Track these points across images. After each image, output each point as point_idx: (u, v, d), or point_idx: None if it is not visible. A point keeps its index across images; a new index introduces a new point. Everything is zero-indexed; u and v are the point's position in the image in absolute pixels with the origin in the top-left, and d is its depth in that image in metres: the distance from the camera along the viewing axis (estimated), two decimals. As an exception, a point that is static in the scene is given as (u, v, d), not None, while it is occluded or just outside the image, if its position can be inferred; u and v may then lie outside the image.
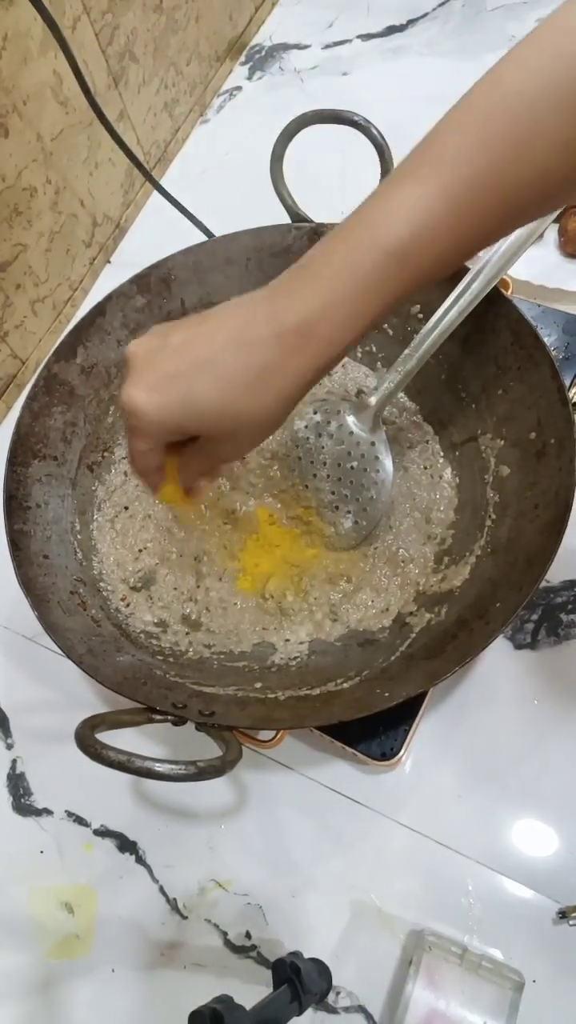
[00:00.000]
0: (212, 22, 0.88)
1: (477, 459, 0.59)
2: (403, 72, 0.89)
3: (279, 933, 0.53)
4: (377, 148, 0.59)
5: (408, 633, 0.54)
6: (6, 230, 0.68)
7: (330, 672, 0.53)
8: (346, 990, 0.51)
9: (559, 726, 0.56)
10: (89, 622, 0.54)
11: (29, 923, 0.55)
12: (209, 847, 0.56)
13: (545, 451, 0.53)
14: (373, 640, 0.55)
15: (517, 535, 0.52)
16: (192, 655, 0.56)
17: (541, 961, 0.49)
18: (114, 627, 0.56)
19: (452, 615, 0.52)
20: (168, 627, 0.58)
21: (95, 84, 0.72)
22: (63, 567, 0.56)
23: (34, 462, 0.58)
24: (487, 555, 0.54)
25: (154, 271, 0.62)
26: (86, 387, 0.61)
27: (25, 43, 0.63)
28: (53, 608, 0.52)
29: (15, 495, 0.55)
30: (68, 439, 0.60)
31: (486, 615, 0.49)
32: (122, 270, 0.71)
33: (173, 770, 0.39)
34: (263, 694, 0.51)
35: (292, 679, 0.54)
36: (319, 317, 0.36)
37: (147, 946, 0.54)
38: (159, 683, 0.51)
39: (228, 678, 0.54)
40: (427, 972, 0.47)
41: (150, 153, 0.85)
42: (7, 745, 0.61)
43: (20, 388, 0.77)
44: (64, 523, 0.58)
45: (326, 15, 0.96)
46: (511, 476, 0.55)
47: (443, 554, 0.58)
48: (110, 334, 0.62)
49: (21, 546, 0.53)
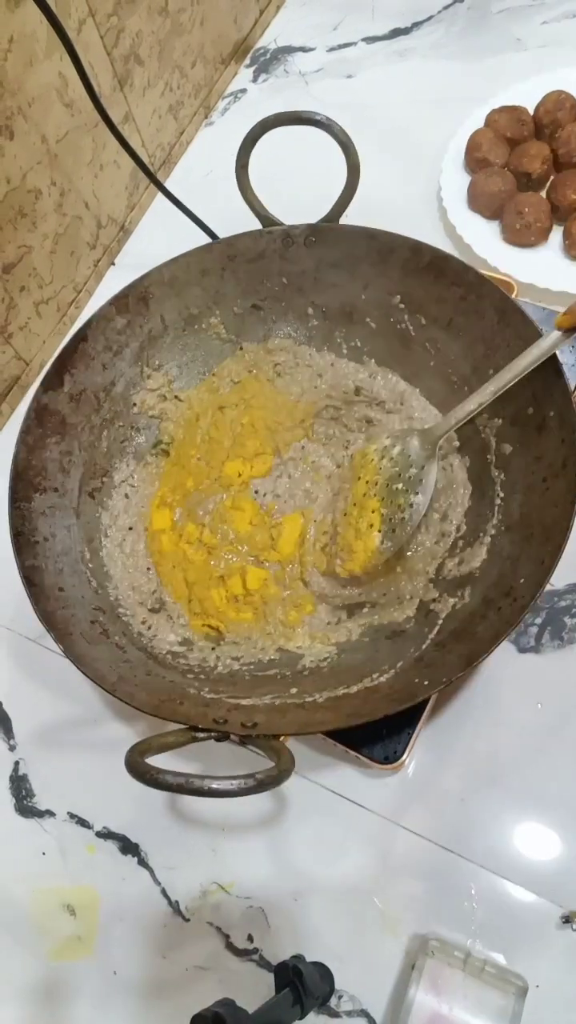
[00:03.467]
0: (217, 25, 0.88)
1: (476, 440, 0.59)
2: (408, 75, 0.89)
3: (281, 936, 0.53)
4: (341, 145, 0.59)
5: (435, 620, 0.53)
6: (11, 232, 0.68)
7: (364, 668, 0.53)
8: (348, 994, 0.51)
9: (563, 730, 0.55)
10: (114, 649, 0.53)
11: (31, 925, 0.55)
12: (211, 850, 0.56)
13: (545, 424, 0.53)
14: (400, 631, 0.55)
15: (529, 510, 0.52)
16: (222, 669, 0.56)
17: (544, 966, 0.49)
18: (139, 651, 0.55)
19: (477, 597, 0.52)
20: (193, 644, 0.58)
21: (100, 86, 0.72)
22: (80, 598, 0.55)
23: (36, 496, 0.57)
24: (502, 533, 0.54)
25: (131, 291, 0.62)
26: (77, 415, 0.61)
27: (31, 45, 0.63)
28: (77, 640, 0.51)
29: (22, 531, 0.54)
30: (66, 469, 0.60)
31: (512, 592, 0.49)
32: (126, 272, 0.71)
33: (233, 786, 0.38)
34: (300, 699, 0.51)
35: (327, 680, 0.53)
36: None
37: (149, 948, 0.54)
38: (196, 701, 0.51)
39: (263, 688, 0.53)
40: (430, 976, 0.47)
41: (155, 155, 0.85)
42: (10, 747, 0.61)
43: (24, 390, 0.77)
44: (74, 553, 0.57)
45: (331, 18, 0.96)
46: (514, 453, 0.55)
47: (458, 538, 0.57)
48: (94, 358, 0.62)
49: (35, 581, 0.52)
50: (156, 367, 0.66)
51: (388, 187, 0.80)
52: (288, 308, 0.67)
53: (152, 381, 0.66)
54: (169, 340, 0.66)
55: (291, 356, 0.67)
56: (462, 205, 0.76)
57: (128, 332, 0.63)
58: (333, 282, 0.64)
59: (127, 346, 0.64)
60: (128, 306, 0.63)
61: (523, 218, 0.71)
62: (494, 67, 0.87)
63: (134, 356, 0.64)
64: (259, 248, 0.63)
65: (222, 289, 0.65)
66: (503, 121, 0.76)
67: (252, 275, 0.65)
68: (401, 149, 0.84)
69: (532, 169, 0.73)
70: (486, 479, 0.57)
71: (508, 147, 0.76)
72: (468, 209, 0.76)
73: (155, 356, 0.66)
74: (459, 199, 0.77)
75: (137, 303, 0.63)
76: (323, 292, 0.65)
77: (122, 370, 0.64)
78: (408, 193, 0.80)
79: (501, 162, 0.76)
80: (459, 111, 0.81)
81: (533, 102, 0.77)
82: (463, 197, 0.77)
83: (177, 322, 0.65)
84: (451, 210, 0.76)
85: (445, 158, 0.79)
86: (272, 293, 0.66)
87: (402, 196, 0.80)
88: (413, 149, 0.83)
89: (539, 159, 0.73)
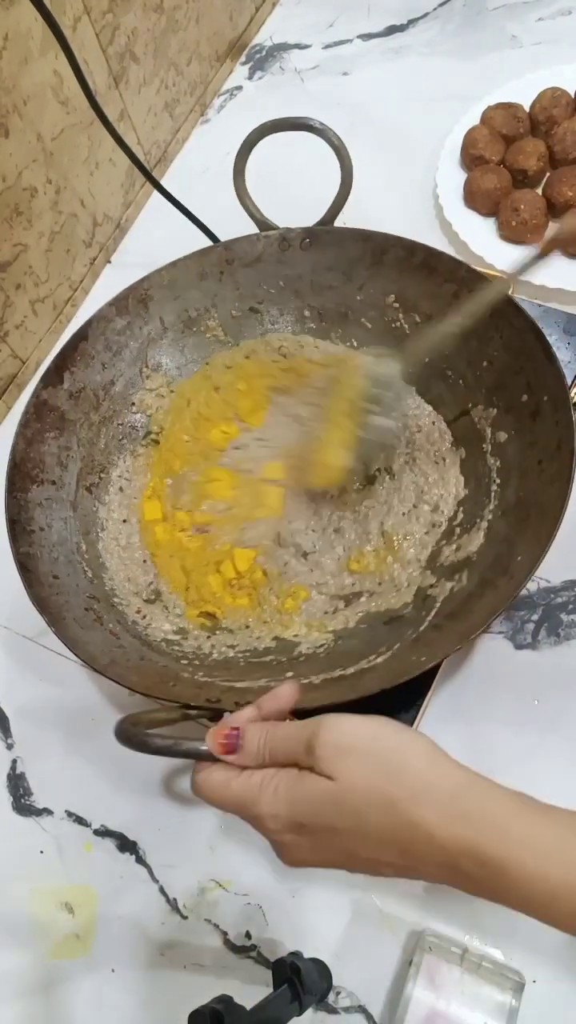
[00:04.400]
0: (213, 22, 0.88)
1: (472, 431, 0.59)
2: (404, 72, 0.89)
3: (279, 933, 0.53)
4: (336, 150, 0.60)
5: (432, 604, 0.54)
6: (6, 230, 0.68)
7: (360, 652, 0.53)
8: (346, 990, 0.51)
9: (559, 726, 0.55)
10: (108, 635, 0.54)
11: (29, 923, 0.55)
12: (209, 847, 0.56)
13: (539, 410, 0.54)
14: (398, 616, 0.55)
15: (525, 493, 0.53)
16: (217, 656, 0.56)
17: (541, 961, 0.49)
18: (134, 638, 0.55)
19: (474, 579, 0.53)
20: (188, 633, 0.58)
21: (96, 84, 0.72)
22: (74, 586, 0.56)
23: (33, 487, 0.58)
24: (498, 518, 0.55)
25: (131, 292, 0.63)
26: (76, 411, 0.62)
27: (26, 43, 0.63)
28: (69, 624, 0.52)
29: (17, 519, 0.55)
30: (64, 463, 0.61)
31: (509, 570, 0.49)
32: (122, 270, 0.71)
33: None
34: (296, 681, 0.51)
35: (322, 665, 0.53)
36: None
37: (147, 946, 0.54)
38: (189, 684, 0.51)
39: (257, 672, 0.53)
40: (427, 972, 0.47)
41: (150, 153, 0.85)
42: (7, 745, 0.61)
43: (20, 388, 0.77)
44: (70, 544, 0.58)
45: (327, 15, 0.96)
46: (509, 440, 0.56)
47: (455, 526, 0.58)
48: (94, 358, 0.63)
49: (30, 567, 0.53)
50: (155, 368, 0.67)
51: (384, 184, 0.80)
52: (285, 310, 0.67)
53: (151, 381, 0.66)
54: (168, 341, 0.67)
55: (294, 344, 0.68)
56: (458, 202, 0.77)
57: (128, 333, 0.64)
58: (329, 284, 0.65)
59: (126, 346, 0.64)
60: (128, 307, 0.64)
61: (519, 215, 0.71)
62: (490, 64, 0.87)
63: (133, 357, 0.65)
64: (256, 251, 0.64)
65: (220, 292, 0.66)
66: (499, 118, 0.76)
67: (249, 278, 0.66)
68: (397, 146, 0.83)
69: (528, 166, 0.73)
70: (482, 467, 0.58)
71: (504, 144, 0.76)
72: (464, 206, 0.76)
73: (154, 357, 0.66)
74: (455, 196, 0.77)
75: (137, 305, 0.64)
76: (319, 294, 0.66)
77: (122, 370, 0.65)
78: (404, 190, 0.80)
79: (497, 159, 0.76)
80: (455, 108, 0.81)
81: (529, 99, 0.77)
82: (459, 194, 0.77)
83: (176, 324, 0.66)
84: (447, 207, 0.76)
85: (441, 155, 0.79)
86: (269, 296, 0.67)
87: (398, 193, 0.80)
88: (409, 146, 0.83)
89: (535, 156, 0.73)
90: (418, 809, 0.32)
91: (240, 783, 0.35)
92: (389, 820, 0.32)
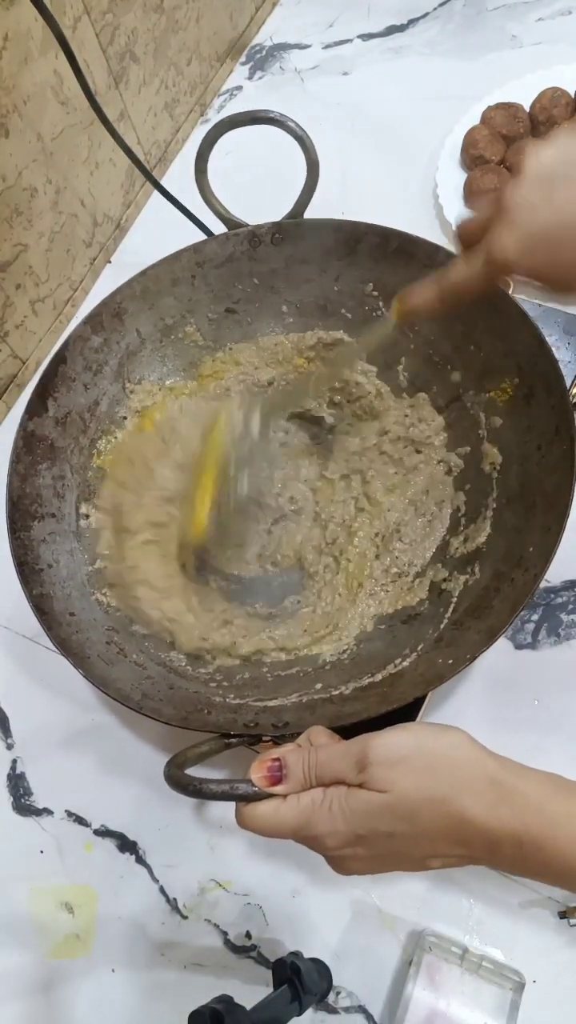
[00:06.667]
0: (213, 22, 0.87)
1: (465, 417, 0.59)
2: (404, 72, 0.89)
3: (279, 933, 0.53)
4: (298, 140, 0.59)
5: (448, 599, 0.54)
6: (6, 230, 0.68)
7: (385, 655, 0.53)
8: (346, 990, 0.51)
9: (560, 726, 0.55)
10: (134, 667, 0.53)
11: (29, 923, 0.55)
12: (209, 847, 0.56)
13: (533, 393, 0.53)
14: (415, 614, 0.55)
15: (527, 479, 0.53)
16: (245, 675, 0.56)
17: (542, 961, 0.49)
18: (159, 666, 0.55)
19: (488, 571, 0.52)
20: (213, 654, 0.57)
21: (96, 84, 0.72)
22: (91, 620, 0.55)
23: (34, 524, 0.56)
24: (503, 506, 0.55)
25: (104, 308, 0.62)
26: (64, 438, 0.60)
27: (26, 43, 0.63)
28: (95, 663, 0.51)
29: (25, 560, 0.54)
30: (61, 493, 0.59)
31: (522, 562, 0.49)
32: (122, 270, 0.71)
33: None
34: (327, 693, 0.51)
35: (350, 672, 0.53)
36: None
37: (147, 946, 0.54)
38: (223, 708, 0.51)
39: (287, 687, 0.53)
40: (428, 972, 0.47)
41: (150, 153, 0.85)
42: (7, 745, 0.61)
43: (20, 388, 0.77)
44: (79, 577, 0.57)
45: (327, 15, 0.96)
46: (504, 425, 0.56)
47: (460, 516, 0.58)
48: (75, 380, 0.61)
49: (46, 609, 0.52)
50: (138, 381, 0.65)
51: (384, 184, 0.80)
52: (262, 308, 0.66)
53: (135, 396, 0.65)
54: (147, 353, 0.65)
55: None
56: (458, 202, 0.76)
57: (105, 350, 0.63)
58: (305, 277, 0.64)
59: (106, 363, 0.63)
60: (103, 324, 0.62)
61: (519, 215, 0.71)
62: (490, 64, 0.87)
63: (114, 373, 0.64)
64: (227, 251, 0.63)
65: (195, 296, 0.65)
66: (499, 118, 0.76)
67: (223, 279, 0.65)
68: (397, 146, 0.83)
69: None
70: (479, 454, 0.58)
71: (504, 144, 0.76)
72: (464, 206, 0.76)
73: (135, 371, 0.65)
74: (455, 196, 0.77)
75: (112, 320, 0.62)
76: (296, 288, 0.65)
77: (104, 388, 0.63)
78: (404, 190, 0.80)
79: (497, 159, 0.76)
80: (455, 108, 0.81)
81: (529, 99, 0.77)
82: (459, 194, 0.77)
83: (153, 334, 0.65)
84: (447, 207, 0.76)
85: (441, 155, 0.79)
86: (245, 295, 0.66)
87: (398, 193, 0.80)
88: (409, 146, 0.83)
89: (535, 156, 0.73)
90: (464, 800, 0.34)
91: (289, 808, 0.36)
92: (440, 816, 0.34)
